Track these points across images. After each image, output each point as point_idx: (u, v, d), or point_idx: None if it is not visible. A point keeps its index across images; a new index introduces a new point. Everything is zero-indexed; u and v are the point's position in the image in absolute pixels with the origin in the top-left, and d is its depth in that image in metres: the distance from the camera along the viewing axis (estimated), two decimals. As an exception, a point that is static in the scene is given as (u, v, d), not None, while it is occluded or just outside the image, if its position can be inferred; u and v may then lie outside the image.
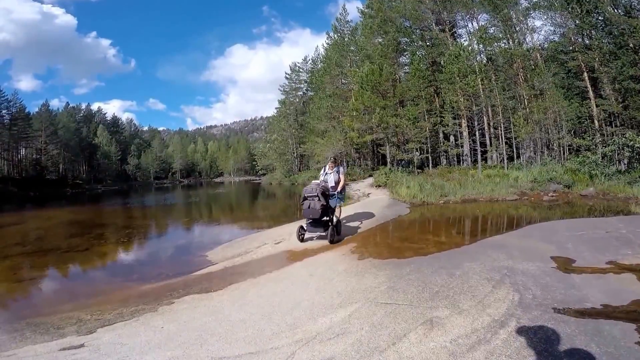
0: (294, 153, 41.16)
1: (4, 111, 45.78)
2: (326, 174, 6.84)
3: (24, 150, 49.41)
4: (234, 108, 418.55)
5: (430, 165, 22.28)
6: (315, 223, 6.18)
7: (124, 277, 5.43)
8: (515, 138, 19.74)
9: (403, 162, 22.89)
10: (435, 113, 23.05)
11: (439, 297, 3.31)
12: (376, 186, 16.79)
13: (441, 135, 23.66)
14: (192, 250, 7.36)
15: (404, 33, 24.96)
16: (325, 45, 34.39)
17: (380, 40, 25.33)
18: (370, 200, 12.98)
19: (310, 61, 41.53)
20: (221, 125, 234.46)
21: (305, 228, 6.29)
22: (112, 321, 3.46)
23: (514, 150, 20.52)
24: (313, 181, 6.38)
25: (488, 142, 21.35)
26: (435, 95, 23.68)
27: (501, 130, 20.05)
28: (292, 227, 7.62)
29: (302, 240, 6.27)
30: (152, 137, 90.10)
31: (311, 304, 3.38)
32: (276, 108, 45.51)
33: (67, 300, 4.46)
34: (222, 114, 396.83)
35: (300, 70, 42.38)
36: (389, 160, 22.93)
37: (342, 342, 2.56)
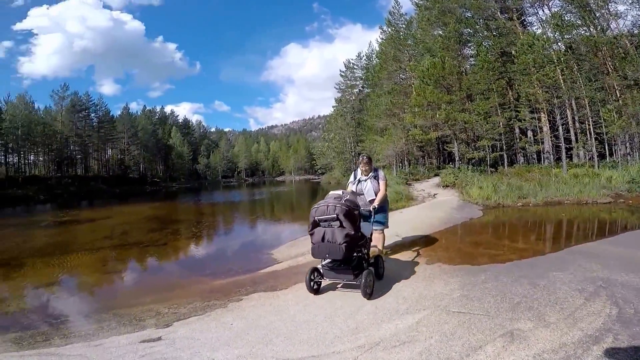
0: (352, 152, 40.88)
1: (92, 114, 52.32)
2: (358, 180, 4.66)
3: (110, 151, 56.28)
4: (292, 107, 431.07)
5: (506, 163, 20.42)
6: (339, 264, 3.66)
7: (197, 272, 5.87)
8: (606, 133, 17.09)
9: (474, 160, 21.32)
10: (510, 107, 21.05)
11: (520, 308, 3.04)
12: (443, 186, 15.93)
13: (517, 131, 21.54)
14: (258, 247, 7.74)
15: (465, 24, 23.24)
16: (379, 40, 33.51)
17: (440, 32, 24.05)
18: (436, 201, 12.37)
19: (365, 57, 40.67)
20: (281, 125, 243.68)
21: (322, 271, 3.77)
22: (187, 315, 3.65)
23: (606, 147, 17.84)
24: (331, 192, 3.76)
25: (573, 138, 18.83)
26: (508, 87, 21.63)
27: (589, 125, 17.56)
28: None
29: (316, 291, 3.76)
30: (219, 137, 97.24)
31: (375, 308, 3.26)
32: (333, 106, 45.62)
33: (147, 292, 4.85)
34: (282, 114, 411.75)
35: (355, 67, 41.81)
36: (457, 158, 21.68)
37: (408, 351, 2.42)
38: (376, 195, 4.53)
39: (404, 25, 30.05)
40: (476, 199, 11.17)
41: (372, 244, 4.14)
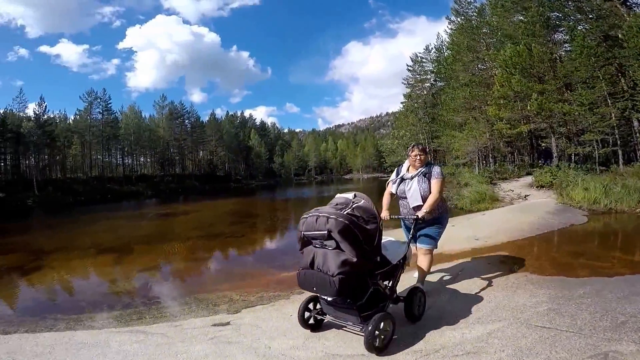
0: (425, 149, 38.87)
1: (186, 121, 59.97)
2: (401, 179, 3.49)
3: (201, 152, 63.69)
4: (358, 105, 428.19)
5: (621, 161, 17.12)
6: (339, 302, 2.51)
7: (268, 264, 6.28)
8: None
9: (577, 157, 18.45)
10: (624, 96, 17.58)
11: (625, 328, 2.52)
12: (537, 187, 14.11)
13: (636, 124, 17.88)
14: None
15: (550, 7, 20.07)
16: (448, 30, 31.37)
17: (520, 17, 21.48)
18: (528, 203, 11.02)
19: (434, 50, 38.24)
20: (348, 123, 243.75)
21: (322, 306, 2.74)
22: (254, 303, 3.90)
23: None
24: (338, 195, 2.70)
25: None
26: (620, 74, 18.09)
27: None
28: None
29: (313, 328, 2.82)
30: (291, 138, 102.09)
31: (440, 313, 3.04)
32: (402, 102, 43.82)
33: (224, 280, 5.30)
34: (348, 112, 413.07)
35: (424, 60, 39.48)
36: (555, 154, 19.07)
37: (470, 362, 2.18)
38: (424, 200, 3.24)
39: (474, 14, 27.70)
40: (579, 202, 9.57)
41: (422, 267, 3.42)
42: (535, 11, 19.64)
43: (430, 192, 3.26)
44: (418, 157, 3.35)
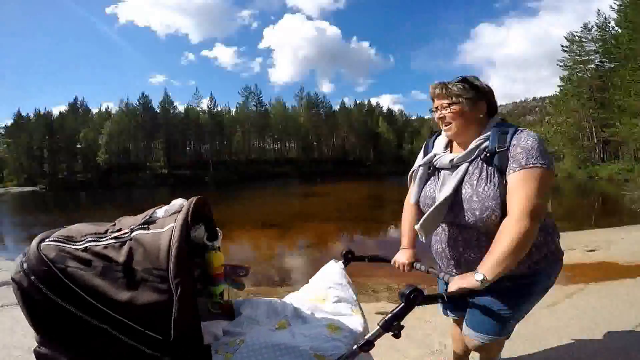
0: (592, 138, 31.76)
1: (321, 110, 66.02)
2: (432, 167, 1.28)
3: (334, 139, 68.83)
4: (498, 90, 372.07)
5: None
6: None
7: (422, 255, 6.52)
8: None
9: None
10: None
11: None
12: None
13: None
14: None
15: None
16: (615, 6, 26.99)
17: None
18: None
19: (595, 28, 32.22)
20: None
21: None
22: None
23: None
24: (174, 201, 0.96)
25: None
26: None
27: None
28: (611, 234, 6.24)
29: None
30: (420, 125, 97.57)
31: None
32: (559, 86, 36.64)
33: (378, 265, 5.81)
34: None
35: (583, 40, 33.32)
36: None
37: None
38: (487, 233, 1.10)
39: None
40: None
41: None
42: None
43: (503, 209, 1.06)
44: (449, 112, 1.16)
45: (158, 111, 54.56)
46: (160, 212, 0.89)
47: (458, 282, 1.00)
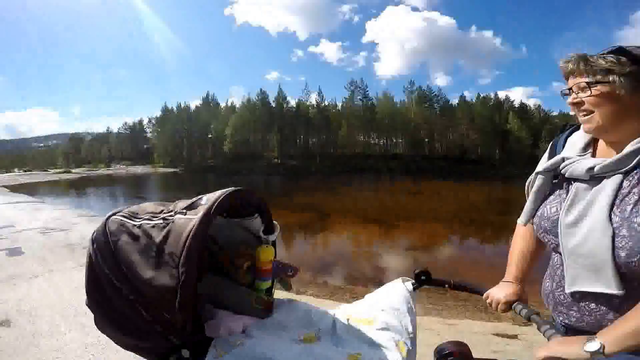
0: None
1: (435, 104, 61.21)
2: (556, 175, 0.86)
3: (450, 135, 62.50)
4: None
5: None
6: None
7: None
8: None
9: None
10: None
11: None
12: None
13: None
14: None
15: None
16: None
17: None
18: None
19: None
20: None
21: None
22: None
23: None
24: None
25: None
26: None
27: None
28: None
29: None
30: (563, 122, 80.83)
31: None
32: None
33: (500, 278, 4.33)
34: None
35: None
36: None
37: None
38: (629, 281, 0.67)
39: None
40: None
41: None
42: None
43: None
44: (590, 94, 0.71)
45: (273, 105, 59.12)
46: (205, 198, 0.88)
47: (556, 348, 0.67)
